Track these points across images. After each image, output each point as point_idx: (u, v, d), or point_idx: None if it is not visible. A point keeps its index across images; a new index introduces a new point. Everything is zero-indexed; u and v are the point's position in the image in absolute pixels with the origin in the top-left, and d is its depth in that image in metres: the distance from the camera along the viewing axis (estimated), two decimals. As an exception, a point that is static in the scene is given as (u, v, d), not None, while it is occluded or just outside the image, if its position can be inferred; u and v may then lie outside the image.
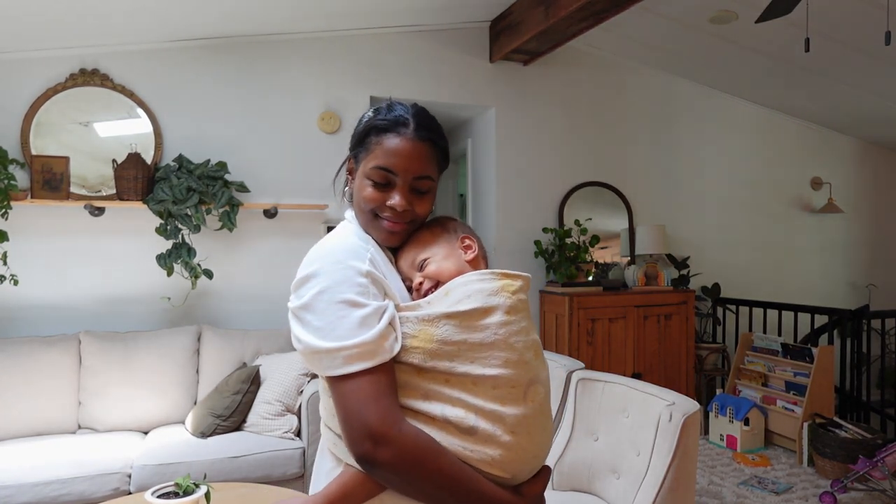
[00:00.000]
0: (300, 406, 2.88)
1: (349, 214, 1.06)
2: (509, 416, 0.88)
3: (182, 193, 3.11)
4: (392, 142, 0.97)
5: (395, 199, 0.97)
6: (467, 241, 1.03)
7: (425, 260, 1.00)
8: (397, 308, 0.92)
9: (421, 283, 0.98)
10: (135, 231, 3.28)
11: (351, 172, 1.06)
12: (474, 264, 1.02)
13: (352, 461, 0.88)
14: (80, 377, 2.92)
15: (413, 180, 0.98)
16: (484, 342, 0.89)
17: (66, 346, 2.93)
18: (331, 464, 0.96)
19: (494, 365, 0.88)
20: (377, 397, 0.84)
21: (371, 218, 0.99)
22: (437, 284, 0.98)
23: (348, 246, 0.94)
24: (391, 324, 0.88)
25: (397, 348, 0.88)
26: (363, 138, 1.01)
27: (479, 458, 0.87)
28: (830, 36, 3.62)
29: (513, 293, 0.93)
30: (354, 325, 0.86)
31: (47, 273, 3.16)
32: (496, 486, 0.89)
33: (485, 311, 0.90)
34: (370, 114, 1.03)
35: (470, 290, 0.92)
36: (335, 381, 0.86)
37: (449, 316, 0.89)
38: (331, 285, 0.88)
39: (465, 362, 0.88)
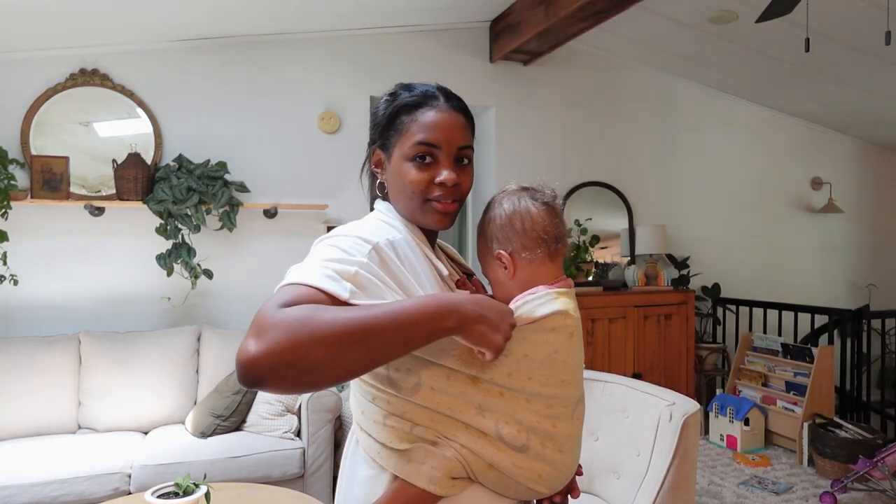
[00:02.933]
0: (300, 406, 2.88)
1: (380, 205, 1.01)
2: (560, 436, 0.87)
3: (182, 193, 3.10)
4: (428, 115, 0.92)
5: (445, 174, 0.91)
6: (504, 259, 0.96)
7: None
8: None
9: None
10: (135, 231, 3.27)
11: (379, 165, 0.99)
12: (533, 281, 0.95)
13: (399, 470, 0.85)
14: (80, 377, 2.92)
15: (457, 151, 0.93)
16: (545, 360, 0.86)
17: (66, 346, 2.93)
18: (370, 471, 0.90)
19: (552, 384, 0.86)
20: (279, 299, 0.73)
21: (420, 203, 0.93)
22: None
23: (365, 227, 0.91)
24: (352, 279, 0.79)
25: (338, 291, 0.77)
26: (391, 121, 0.95)
27: (527, 475, 0.85)
28: (830, 36, 3.62)
29: (572, 312, 0.92)
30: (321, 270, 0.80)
31: (47, 273, 3.16)
32: (405, 301, 0.76)
33: (550, 327, 0.88)
34: (388, 97, 0.97)
35: (532, 306, 0.89)
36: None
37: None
38: (330, 245, 0.85)
39: (523, 378, 0.85)
